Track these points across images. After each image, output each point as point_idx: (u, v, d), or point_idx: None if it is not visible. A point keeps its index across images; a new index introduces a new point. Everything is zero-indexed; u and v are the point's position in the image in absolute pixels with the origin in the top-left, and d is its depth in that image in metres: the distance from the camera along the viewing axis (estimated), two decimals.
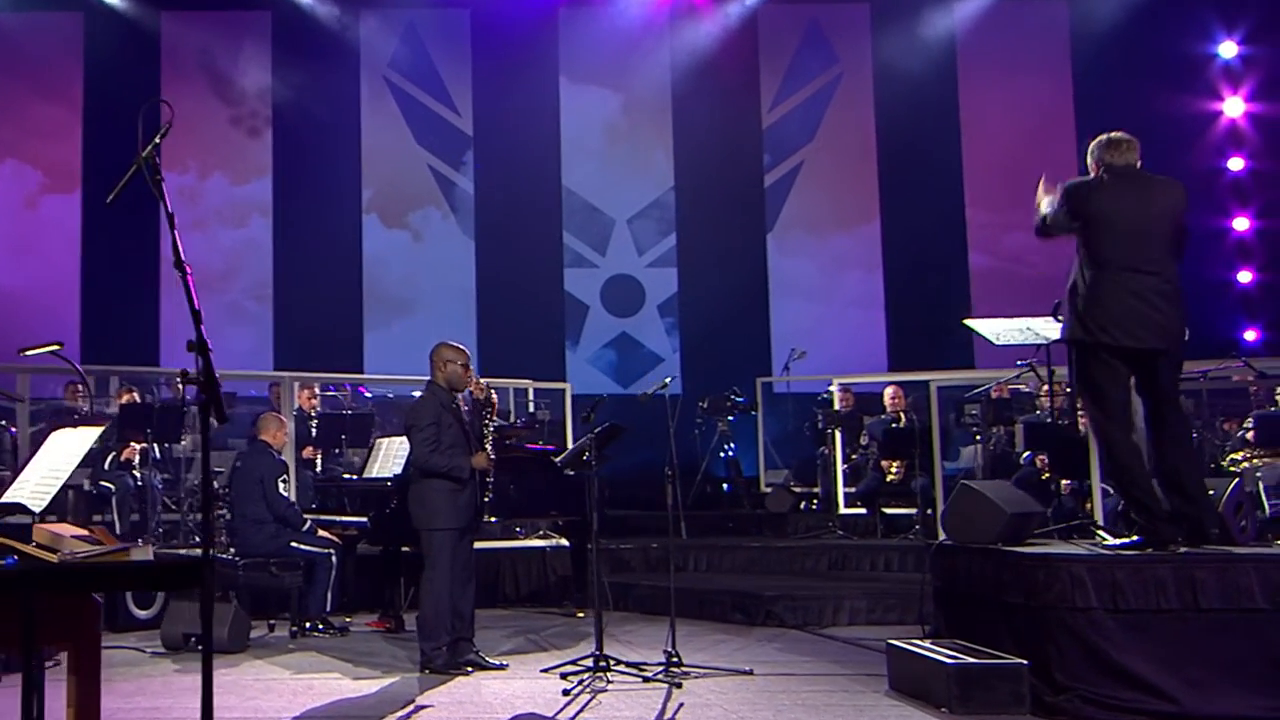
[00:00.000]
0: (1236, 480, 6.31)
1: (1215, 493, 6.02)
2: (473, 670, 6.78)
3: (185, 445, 10.21)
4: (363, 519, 8.55)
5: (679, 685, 6.34)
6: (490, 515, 7.40)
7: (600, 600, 6.69)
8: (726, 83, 15.24)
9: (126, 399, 10.13)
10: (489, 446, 7.04)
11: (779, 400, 13.65)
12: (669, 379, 7.13)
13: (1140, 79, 13.73)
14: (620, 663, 6.58)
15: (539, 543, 10.11)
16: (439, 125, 15.23)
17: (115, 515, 9.29)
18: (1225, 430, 10.15)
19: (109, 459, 9.62)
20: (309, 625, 8.11)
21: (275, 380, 10.83)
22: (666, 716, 5.73)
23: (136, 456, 9.66)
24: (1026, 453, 9.76)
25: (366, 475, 8.97)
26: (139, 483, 9.64)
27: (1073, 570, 5.54)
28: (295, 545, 8.06)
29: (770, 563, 10.24)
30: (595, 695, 6.14)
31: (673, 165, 15.28)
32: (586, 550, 9.08)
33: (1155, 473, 5.74)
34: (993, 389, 10.35)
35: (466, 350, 7.03)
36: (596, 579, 6.69)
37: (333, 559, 8.16)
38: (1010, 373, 9.59)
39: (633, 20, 15.13)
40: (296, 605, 8.07)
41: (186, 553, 8.58)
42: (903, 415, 11.03)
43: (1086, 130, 14.12)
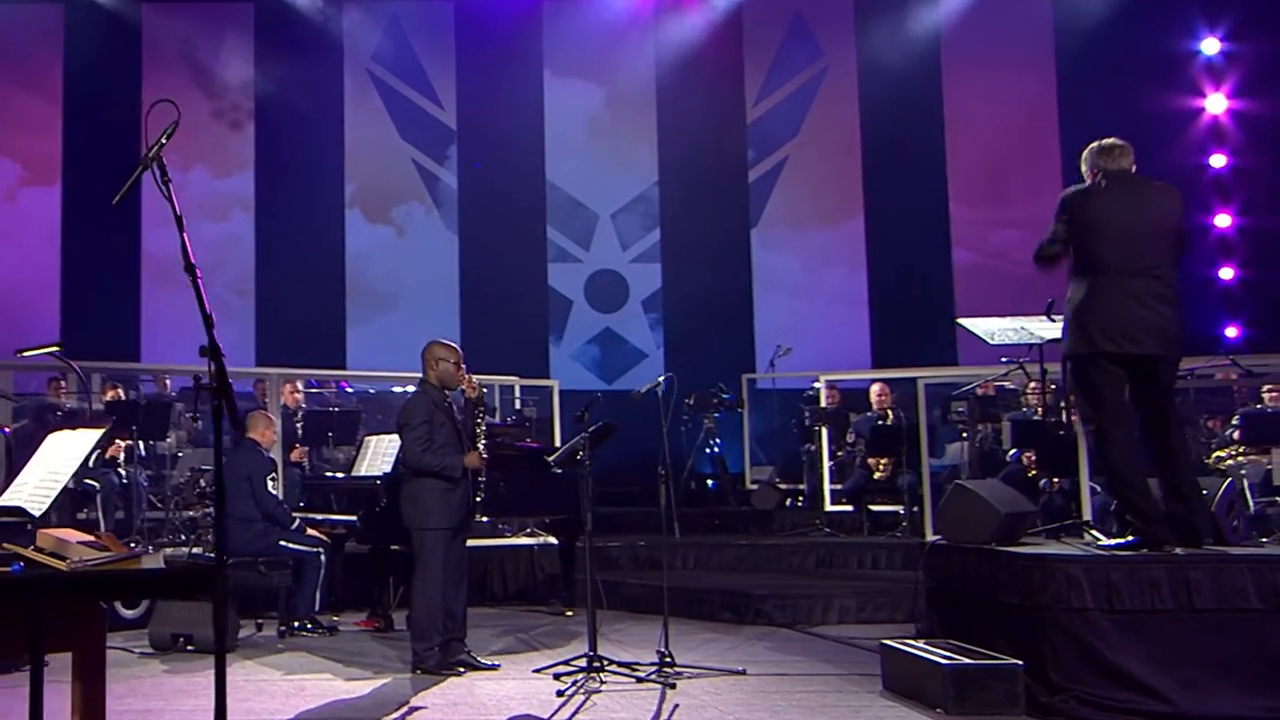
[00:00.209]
0: (1229, 481, 6.32)
1: (1208, 493, 6.04)
2: (465, 671, 6.74)
3: (170, 442, 10.12)
4: (352, 517, 8.50)
5: (673, 686, 6.31)
6: (481, 514, 7.36)
7: (594, 600, 6.64)
8: (711, 77, 15.21)
9: (111, 395, 10.03)
10: (481, 446, 6.99)
11: (763, 396, 13.61)
12: (662, 378, 7.08)
13: (1123, 75, 13.76)
14: (613, 663, 6.55)
15: (526, 540, 10.06)
16: (422, 119, 15.14)
17: (100, 513, 9.15)
18: (1209, 428, 10.18)
19: (93, 456, 9.49)
20: (297, 624, 8.05)
21: (261, 377, 10.74)
22: (662, 718, 5.71)
23: (121, 454, 9.55)
24: (1013, 450, 9.77)
25: (355, 473, 8.90)
26: (124, 480, 9.53)
27: (1068, 571, 5.55)
28: (284, 544, 7.99)
29: (758, 560, 10.24)
30: (589, 697, 6.12)
31: (657, 160, 15.24)
32: (575, 548, 9.06)
33: (1154, 476, 5.77)
34: (978, 386, 10.36)
35: (458, 348, 6.98)
36: (590, 579, 6.63)
37: (321, 558, 8.09)
38: (999, 370, 9.60)
39: (617, 14, 15.10)
40: (285, 604, 8.01)
41: (181, 553, 8.53)
42: (889, 412, 11.04)
43: (1070, 126, 14.29)
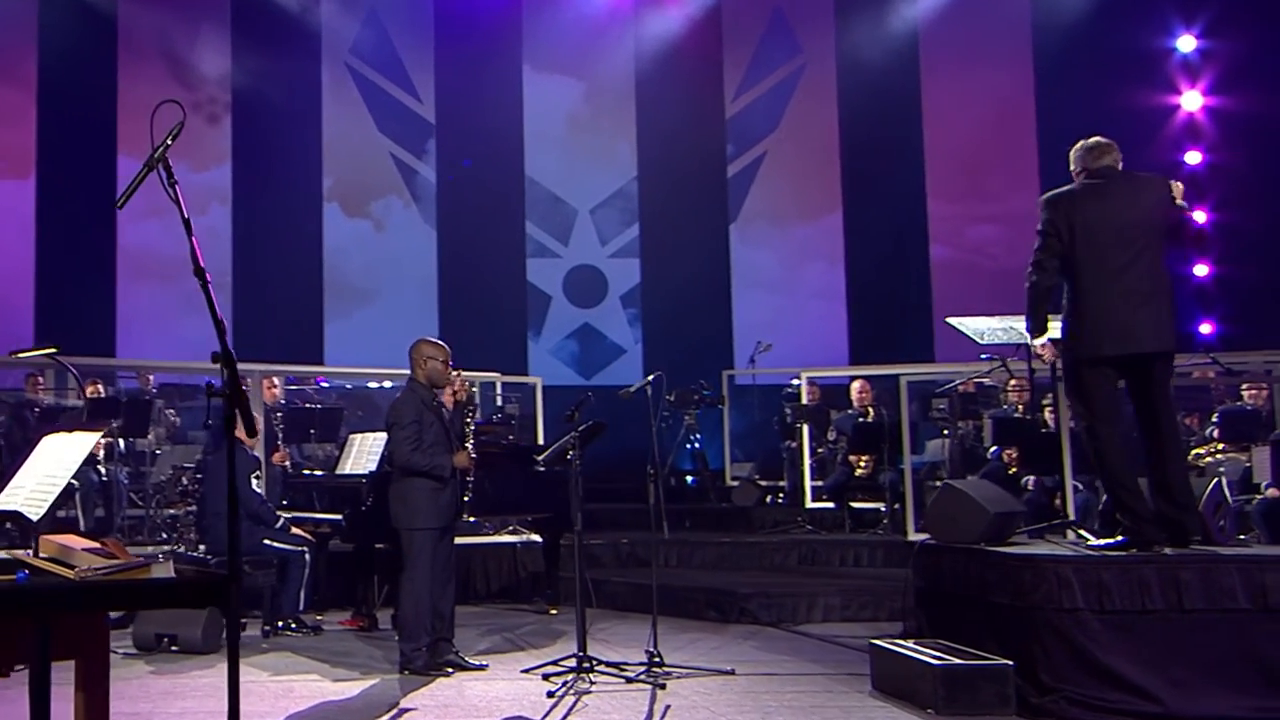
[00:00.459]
0: (1215, 480, 6.37)
1: (1195, 492, 6.08)
2: (453, 671, 6.72)
3: (150, 439, 10.04)
4: (336, 516, 8.44)
5: (663, 686, 6.31)
6: (469, 514, 7.33)
7: (583, 599, 6.63)
8: (690, 72, 15.21)
9: (91, 391, 9.92)
10: (469, 445, 6.96)
11: (743, 393, 13.63)
12: (651, 377, 7.06)
13: (1100, 72, 13.86)
14: (602, 663, 6.54)
15: (509, 538, 10.01)
16: (401, 112, 15.06)
17: (79, 510, 9.08)
18: (1188, 426, 10.22)
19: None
20: (281, 624, 8.01)
21: (243, 374, 10.60)
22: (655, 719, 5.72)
23: (102, 451, 9.45)
24: (994, 447, 9.81)
25: (340, 471, 8.82)
26: (104, 477, 9.45)
27: (1059, 571, 5.58)
28: (268, 543, 7.93)
29: (741, 558, 10.25)
30: (580, 698, 6.10)
31: (636, 155, 15.24)
32: (559, 546, 9.05)
33: (1146, 476, 5.80)
34: (960, 383, 10.39)
35: (447, 347, 6.94)
36: (580, 578, 6.63)
37: (306, 557, 8.04)
38: (982, 367, 9.62)
39: (597, 9, 15.09)
40: (269, 604, 7.96)
41: (164, 550, 8.46)
42: (870, 409, 11.06)
43: (1047, 122, 14.36)
